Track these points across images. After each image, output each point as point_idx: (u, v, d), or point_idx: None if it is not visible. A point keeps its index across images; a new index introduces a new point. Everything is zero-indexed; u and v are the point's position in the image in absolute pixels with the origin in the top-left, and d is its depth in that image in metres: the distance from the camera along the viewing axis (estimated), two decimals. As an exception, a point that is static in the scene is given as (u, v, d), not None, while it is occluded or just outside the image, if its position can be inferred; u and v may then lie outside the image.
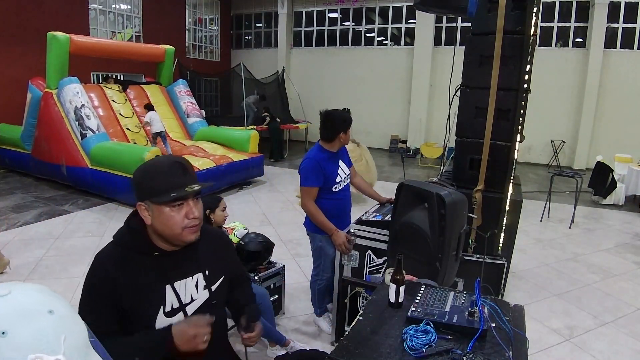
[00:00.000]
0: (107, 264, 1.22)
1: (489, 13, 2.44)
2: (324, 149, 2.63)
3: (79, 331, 0.66)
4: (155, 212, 1.20)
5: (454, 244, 1.86)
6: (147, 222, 1.23)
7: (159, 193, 1.18)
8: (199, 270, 1.33)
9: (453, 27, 10.78)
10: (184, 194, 1.19)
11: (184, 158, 1.28)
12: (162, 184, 1.19)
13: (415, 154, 10.91)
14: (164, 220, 1.20)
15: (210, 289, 1.35)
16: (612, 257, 4.51)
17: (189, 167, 1.25)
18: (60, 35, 6.14)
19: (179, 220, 1.20)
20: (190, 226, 1.22)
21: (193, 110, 7.87)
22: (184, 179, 1.21)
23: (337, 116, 2.60)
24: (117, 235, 1.30)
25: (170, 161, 1.24)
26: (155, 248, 1.26)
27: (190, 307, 1.30)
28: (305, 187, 2.57)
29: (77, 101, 6.05)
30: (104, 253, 1.26)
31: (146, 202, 1.21)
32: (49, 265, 3.77)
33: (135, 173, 1.27)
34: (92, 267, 1.24)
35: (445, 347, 1.22)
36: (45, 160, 6.38)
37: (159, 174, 1.21)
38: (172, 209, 1.20)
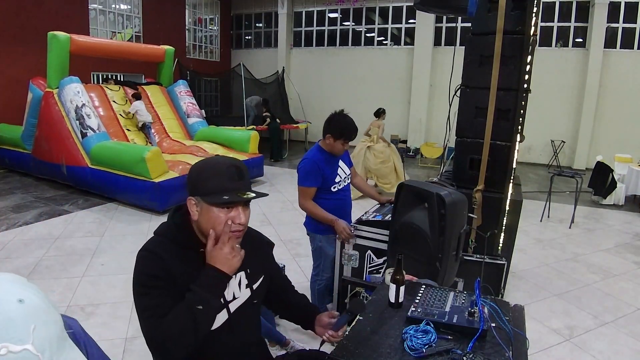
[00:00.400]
0: (161, 253, 1.21)
1: (489, 13, 2.44)
2: (323, 150, 2.62)
3: (53, 322, 0.65)
4: (203, 210, 1.21)
5: (454, 244, 1.86)
6: (193, 218, 1.23)
7: (212, 193, 1.18)
8: (241, 268, 1.32)
9: (453, 27, 10.78)
10: (236, 199, 1.19)
11: (242, 162, 1.26)
12: (217, 184, 1.19)
13: (415, 154, 10.91)
14: (210, 219, 1.20)
15: (252, 287, 1.36)
16: (612, 257, 4.50)
17: (245, 173, 1.25)
18: (61, 35, 6.14)
19: (224, 223, 1.21)
20: (234, 230, 1.22)
21: (193, 110, 7.87)
22: (239, 184, 1.21)
23: (335, 121, 2.55)
24: (162, 229, 1.29)
25: (229, 163, 1.23)
26: (200, 244, 1.26)
27: (233, 304, 1.31)
28: (302, 187, 2.56)
29: (77, 100, 6.05)
30: (153, 244, 1.25)
31: (197, 198, 1.22)
32: (49, 265, 3.77)
33: (192, 167, 1.26)
34: (141, 257, 1.23)
35: (445, 347, 1.22)
36: (46, 160, 6.38)
37: (216, 174, 1.20)
38: (221, 210, 1.20)
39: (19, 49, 8.33)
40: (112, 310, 3.07)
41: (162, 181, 5.31)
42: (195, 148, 6.77)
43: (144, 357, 2.52)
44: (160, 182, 5.30)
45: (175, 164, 5.85)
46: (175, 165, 5.78)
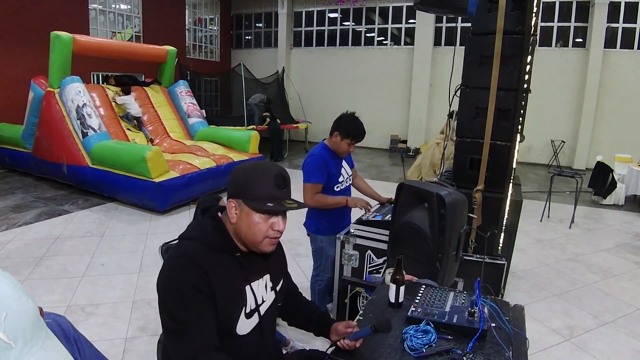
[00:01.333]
0: (198, 259, 1.17)
1: (489, 13, 2.43)
2: (328, 147, 2.62)
3: (26, 311, 0.65)
4: (243, 214, 1.20)
5: (454, 244, 1.86)
6: (232, 220, 1.23)
7: (256, 198, 1.18)
8: (267, 271, 1.35)
9: (453, 27, 10.78)
10: (280, 208, 1.20)
11: (287, 172, 1.28)
12: (263, 191, 1.19)
13: (415, 154, 10.90)
14: (250, 224, 1.20)
15: (275, 289, 1.38)
16: (612, 257, 4.50)
17: (289, 182, 1.26)
18: (64, 35, 6.14)
19: (263, 229, 1.21)
20: (272, 237, 1.24)
21: (194, 110, 7.87)
22: (284, 193, 1.22)
23: (345, 120, 2.55)
24: (197, 233, 1.25)
25: (277, 172, 1.23)
26: (236, 248, 1.26)
27: (262, 307, 1.31)
28: (309, 183, 2.54)
29: (79, 100, 6.05)
30: (188, 250, 1.20)
31: (239, 201, 1.21)
32: (49, 265, 3.77)
33: (238, 170, 1.26)
34: (184, 266, 1.16)
35: (445, 347, 1.22)
36: (46, 159, 6.38)
37: (263, 181, 1.20)
38: (262, 216, 1.20)
39: (19, 48, 8.33)
40: (112, 310, 3.07)
41: (162, 181, 5.31)
42: (196, 148, 6.78)
43: (144, 357, 2.52)
44: (161, 181, 5.30)
45: (175, 163, 5.85)
46: (176, 165, 5.78)
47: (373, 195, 2.93)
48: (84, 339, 1.08)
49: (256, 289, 1.29)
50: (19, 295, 0.66)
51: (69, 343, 0.98)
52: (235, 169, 1.27)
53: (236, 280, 1.24)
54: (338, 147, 2.57)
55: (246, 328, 1.26)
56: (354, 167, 2.87)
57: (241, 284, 1.25)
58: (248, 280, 1.27)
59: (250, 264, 1.29)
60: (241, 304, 1.24)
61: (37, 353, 0.64)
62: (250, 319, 1.26)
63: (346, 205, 2.60)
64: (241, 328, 1.24)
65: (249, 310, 1.26)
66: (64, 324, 1.01)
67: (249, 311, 1.26)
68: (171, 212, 5.44)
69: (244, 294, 1.25)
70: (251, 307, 1.26)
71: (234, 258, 1.25)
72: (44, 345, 0.66)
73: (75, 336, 1.02)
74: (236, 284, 1.24)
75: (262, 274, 1.33)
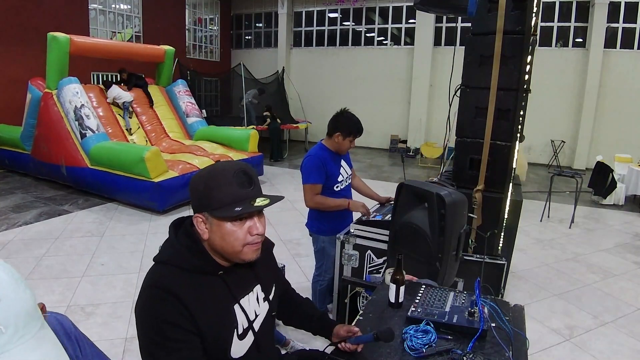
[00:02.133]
0: (173, 289, 1.03)
1: (489, 13, 2.43)
2: (326, 148, 2.63)
3: (22, 299, 0.65)
4: (214, 226, 1.06)
5: (454, 244, 1.85)
6: (203, 237, 1.08)
7: (221, 206, 1.04)
8: (257, 282, 1.23)
9: (453, 27, 10.78)
10: (250, 209, 1.04)
11: (248, 166, 1.12)
12: (226, 196, 1.04)
13: (415, 154, 10.91)
14: (224, 235, 1.06)
15: (268, 299, 1.27)
16: (612, 257, 4.50)
17: (254, 176, 1.11)
18: (61, 36, 6.14)
19: (240, 236, 1.07)
20: (252, 243, 1.09)
21: (192, 110, 7.87)
22: (250, 191, 1.07)
23: (342, 118, 2.57)
24: (169, 255, 1.10)
25: (235, 169, 1.07)
26: (218, 267, 1.12)
27: (256, 323, 1.20)
28: (308, 184, 2.55)
29: (76, 101, 6.05)
30: (161, 279, 1.06)
31: (204, 214, 1.07)
32: (49, 265, 3.77)
33: (194, 180, 1.10)
34: (155, 298, 1.03)
35: (445, 347, 1.22)
36: (45, 161, 6.38)
37: (223, 184, 1.05)
38: (234, 223, 1.06)
39: (19, 49, 8.32)
40: (112, 310, 3.07)
41: (161, 181, 5.32)
42: (195, 147, 6.78)
43: (143, 357, 2.52)
44: (160, 181, 5.30)
45: (174, 163, 5.85)
46: (175, 165, 5.77)
47: (372, 196, 2.93)
48: (86, 338, 1.07)
49: (246, 305, 1.17)
50: (17, 283, 0.66)
51: (70, 341, 0.98)
52: (192, 180, 1.11)
53: (222, 302, 1.11)
54: (340, 146, 2.58)
55: (241, 350, 1.15)
56: (352, 168, 2.87)
57: (228, 304, 1.13)
58: (236, 299, 1.14)
59: (236, 280, 1.16)
60: (232, 326, 1.12)
61: (28, 342, 0.63)
62: (244, 340, 1.15)
63: (347, 208, 2.59)
64: (236, 351, 1.13)
65: (241, 330, 1.14)
66: (66, 323, 1.00)
67: (242, 332, 1.14)
68: (171, 212, 5.44)
69: (232, 315, 1.12)
70: (243, 326, 1.15)
71: (216, 278, 1.11)
72: (37, 335, 0.65)
73: (76, 335, 1.01)
74: (222, 306, 1.11)
75: (252, 286, 1.21)
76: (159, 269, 1.09)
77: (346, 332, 1.31)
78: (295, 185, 7.29)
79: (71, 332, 1.00)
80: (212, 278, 1.10)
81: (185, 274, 1.07)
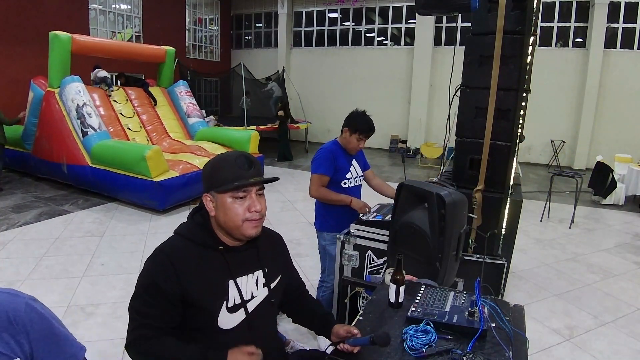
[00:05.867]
0: (172, 255, 1.23)
1: (489, 13, 2.43)
2: (339, 144, 2.66)
3: None
4: (219, 203, 1.24)
5: (454, 244, 1.85)
6: (211, 213, 1.27)
7: (223, 183, 1.22)
8: (259, 267, 1.35)
9: (453, 27, 10.78)
10: (246, 183, 1.22)
11: (250, 154, 1.30)
12: (226, 174, 1.22)
13: (415, 154, 10.91)
14: (227, 210, 1.23)
15: (269, 286, 1.37)
16: (612, 257, 4.50)
17: (255, 161, 1.27)
18: (62, 35, 6.15)
19: (240, 212, 1.23)
20: (251, 219, 1.24)
21: (194, 110, 7.88)
22: (249, 172, 1.23)
23: (355, 115, 2.60)
24: (182, 229, 1.32)
25: (237, 154, 1.27)
26: (219, 242, 1.28)
27: (251, 303, 1.32)
28: (316, 174, 2.57)
29: (78, 99, 6.06)
30: (168, 246, 1.27)
31: (211, 193, 1.25)
32: (49, 265, 3.77)
33: (204, 166, 1.30)
34: (155, 259, 1.24)
35: (445, 347, 1.22)
36: (46, 159, 6.38)
37: (225, 165, 1.24)
38: (235, 200, 1.23)
39: (19, 49, 8.32)
40: (112, 310, 3.07)
41: (162, 180, 5.32)
42: (196, 147, 6.78)
43: (144, 357, 2.52)
44: (161, 181, 5.30)
45: (175, 163, 5.85)
46: (176, 165, 5.78)
47: (392, 195, 2.86)
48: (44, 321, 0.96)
49: (242, 284, 1.30)
50: None
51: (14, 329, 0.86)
52: (204, 166, 1.31)
53: (217, 275, 1.26)
54: (348, 142, 2.60)
55: (230, 323, 1.27)
56: (370, 169, 2.86)
57: (223, 278, 1.27)
58: (232, 275, 1.28)
59: (238, 259, 1.30)
60: (221, 298, 1.25)
61: None
62: (234, 314, 1.27)
63: (350, 205, 2.59)
64: (224, 322, 1.26)
65: (232, 304, 1.27)
66: (12, 305, 0.88)
67: (232, 306, 1.27)
68: (171, 212, 5.44)
69: (225, 288, 1.26)
70: (235, 301, 1.27)
71: (217, 253, 1.27)
72: None
73: (25, 320, 0.88)
74: (216, 278, 1.26)
75: (253, 270, 1.33)
76: (171, 239, 1.30)
77: (345, 332, 1.34)
78: (295, 185, 7.29)
79: (17, 319, 0.87)
80: (214, 253, 1.27)
81: (190, 246, 1.26)
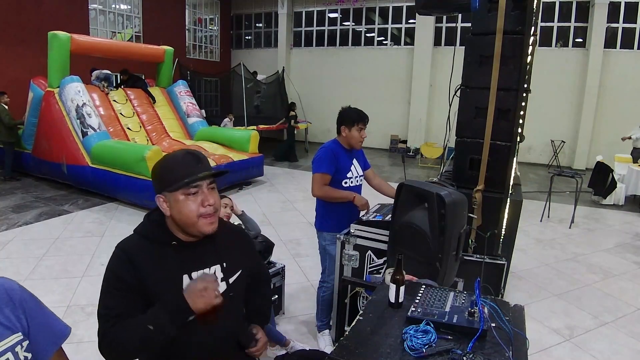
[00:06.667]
0: (130, 251, 1.27)
1: (489, 13, 2.43)
2: (339, 143, 2.66)
3: None
4: (172, 202, 1.25)
5: (454, 244, 1.85)
6: (166, 213, 1.28)
7: (174, 182, 1.23)
8: (217, 262, 1.36)
9: (453, 27, 10.79)
10: (196, 178, 1.23)
11: (197, 150, 1.31)
12: (176, 173, 1.23)
13: (415, 154, 10.91)
14: (181, 208, 1.24)
15: (227, 281, 1.38)
16: (612, 257, 4.50)
17: (202, 157, 1.29)
18: (62, 35, 6.15)
19: (194, 208, 1.24)
20: (206, 215, 1.26)
21: (193, 110, 7.88)
22: (197, 167, 1.25)
23: (343, 111, 2.63)
24: (138, 227, 1.35)
25: (184, 152, 1.28)
26: (173, 238, 1.30)
27: None
28: (317, 173, 2.57)
29: (78, 100, 6.06)
30: (126, 243, 1.31)
31: (164, 194, 1.26)
32: (49, 266, 3.77)
33: (153, 168, 1.31)
34: (114, 255, 1.28)
35: (445, 347, 1.22)
36: (46, 159, 6.39)
37: (174, 165, 1.26)
38: (188, 197, 1.24)
39: (19, 49, 8.33)
40: (112, 310, 3.06)
41: (162, 181, 5.31)
42: (196, 147, 6.78)
43: (144, 357, 2.52)
44: (160, 181, 5.30)
45: (175, 163, 5.85)
46: (175, 165, 5.77)
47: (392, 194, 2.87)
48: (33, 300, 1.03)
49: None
50: None
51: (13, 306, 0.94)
52: (152, 169, 1.32)
53: (172, 270, 1.28)
54: (351, 138, 2.61)
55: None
56: (370, 169, 2.86)
57: (177, 272, 1.29)
58: (186, 270, 1.30)
59: (193, 254, 1.32)
60: (176, 291, 1.26)
61: None
62: None
63: (353, 201, 2.59)
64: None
65: None
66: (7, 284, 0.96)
67: None
68: (171, 212, 5.44)
69: (179, 282, 1.28)
70: None
71: (171, 248, 1.29)
72: None
73: (21, 298, 0.96)
74: (171, 273, 1.28)
75: (210, 264, 1.35)
76: (130, 237, 1.34)
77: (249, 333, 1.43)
78: (295, 185, 7.29)
79: (15, 296, 0.95)
80: (167, 248, 1.29)
81: (146, 243, 1.30)
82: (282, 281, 3.10)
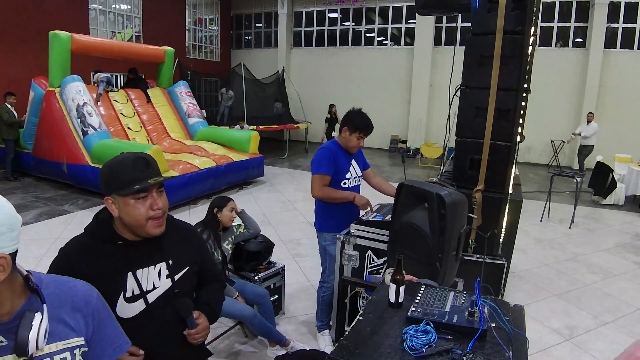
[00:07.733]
0: (70, 253, 1.31)
1: (489, 13, 2.43)
2: (338, 144, 2.66)
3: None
4: (121, 205, 1.27)
5: (454, 244, 1.85)
6: (114, 215, 1.30)
7: (123, 186, 1.25)
8: (162, 259, 1.39)
9: (453, 27, 10.79)
10: (146, 185, 1.26)
11: (147, 154, 1.34)
12: (126, 177, 1.25)
13: (415, 154, 10.91)
14: (129, 211, 1.27)
15: (172, 278, 1.40)
16: (612, 257, 4.50)
17: (152, 161, 1.31)
18: (62, 34, 6.16)
19: (143, 212, 1.27)
20: (154, 217, 1.29)
21: (194, 111, 7.88)
22: (147, 172, 1.27)
23: (352, 113, 2.62)
24: (87, 226, 1.37)
25: (135, 156, 1.29)
26: (119, 237, 1.33)
27: (152, 294, 1.36)
28: (317, 174, 2.56)
29: (79, 99, 6.07)
30: (69, 244, 1.34)
31: (113, 196, 1.28)
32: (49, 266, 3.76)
33: (102, 169, 1.32)
34: (56, 257, 1.32)
35: (445, 347, 1.22)
36: (46, 159, 6.39)
37: (124, 169, 1.27)
38: (137, 201, 1.26)
39: (19, 49, 8.33)
40: (112, 310, 3.07)
41: (162, 181, 5.32)
42: (196, 147, 6.79)
43: (144, 357, 2.52)
44: (161, 181, 5.30)
45: (175, 163, 5.85)
46: (176, 165, 5.78)
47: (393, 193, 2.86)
48: (106, 311, 1.13)
49: (142, 276, 1.35)
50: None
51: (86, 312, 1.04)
52: (100, 169, 1.34)
53: (115, 267, 1.31)
54: (348, 142, 2.60)
55: (129, 312, 1.32)
56: (369, 168, 2.86)
57: (121, 270, 1.32)
58: (131, 267, 1.33)
59: (138, 252, 1.34)
60: (119, 289, 1.31)
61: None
62: (133, 304, 1.32)
63: (353, 201, 2.59)
64: (122, 311, 1.31)
65: (129, 295, 1.32)
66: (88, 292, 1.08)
67: (131, 296, 1.32)
68: (171, 212, 5.41)
69: (123, 280, 1.31)
70: (133, 292, 1.33)
71: (115, 247, 1.32)
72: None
73: (96, 306, 1.07)
74: (115, 270, 1.30)
75: (155, 262, 1.37)
76: (78, 236, 1.36)
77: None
78: (295, 185, 7.30)
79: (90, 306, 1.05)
80: (112, 247, 1.32)
81: (90, 241, 1.33)
82: (282, 281, 3.09)
